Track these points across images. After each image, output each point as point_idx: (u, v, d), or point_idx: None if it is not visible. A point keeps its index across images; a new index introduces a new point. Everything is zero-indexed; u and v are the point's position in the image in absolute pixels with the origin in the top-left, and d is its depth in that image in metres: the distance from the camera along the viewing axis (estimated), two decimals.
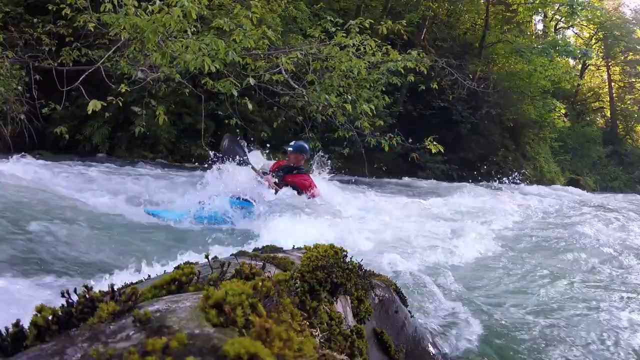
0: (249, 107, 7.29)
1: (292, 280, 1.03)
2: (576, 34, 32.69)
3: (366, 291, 1.44)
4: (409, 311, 1.90)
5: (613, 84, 32.75)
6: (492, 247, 4.74)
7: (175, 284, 0.90)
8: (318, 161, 6.02)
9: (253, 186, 4.73)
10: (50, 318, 0.69)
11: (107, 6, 5.83)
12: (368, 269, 1.61)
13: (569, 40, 27.29)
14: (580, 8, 21.57)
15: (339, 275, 1.16)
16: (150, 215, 4.45)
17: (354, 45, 6.85)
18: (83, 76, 6.52)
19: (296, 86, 7.27)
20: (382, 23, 7.81)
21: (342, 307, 1.25)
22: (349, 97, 7.17)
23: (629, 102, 33.50)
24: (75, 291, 0.75)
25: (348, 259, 1.28)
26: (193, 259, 1.59)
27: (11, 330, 0.71)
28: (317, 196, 4.81)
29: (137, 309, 0.69)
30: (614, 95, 32.54)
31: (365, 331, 1.28)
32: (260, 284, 0.78)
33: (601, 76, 34.55)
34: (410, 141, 7.43)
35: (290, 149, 5.04)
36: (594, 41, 31.02)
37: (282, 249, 1.74)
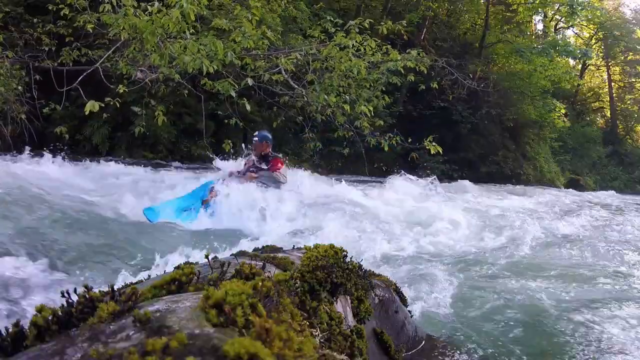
0: (247, 107, 7.30)
1: (292, 280, 1.03)
2: (576, 34, 32.70)
3: (366, 291, 1.44)
4: (409, 311, 1.90)
5: (613, 84, 32.75)
6: (492, 246, 4.74)
7: (175, 284, 0.90)
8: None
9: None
10: (50, 318, 0.69)
11: (107, 6, 5.83)
12: (368, 269, 1.61)
13: (569, 40, 27.28)
14: (580, 8, 21.55)
15: (339, 275, 1.16)
16: (149, 217, 4.47)
17: (353, 45, 6.84)
18: (82, 76, 6.51)
19: (296, 86, 7.27)
20: (382, 23, 7.80)
21: (342, 307, 1.25)
22: (348, 97, 7.16)
23: (629, 102, 33.50)
24: (75, 291, 0.75)
25: (348, 259, 1.28)
26: (193, 259, 1.59)
27: (11, 330, 0.71)
28: (279, 173, 5.53)
29: (137, 309, 0.69)
30: (614, 95, 32.54)
31: (365, 331, 1.28)
32: (260, 284, 0.78)
33: (601, 76, 34.55)
34: (410, 141, 7.42)
35: (255, 139, 5.66)
36: (594, 41, 31.02)
37: (282, 248, 1.74)
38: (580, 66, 31.24)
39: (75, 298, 0.73)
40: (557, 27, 29.28)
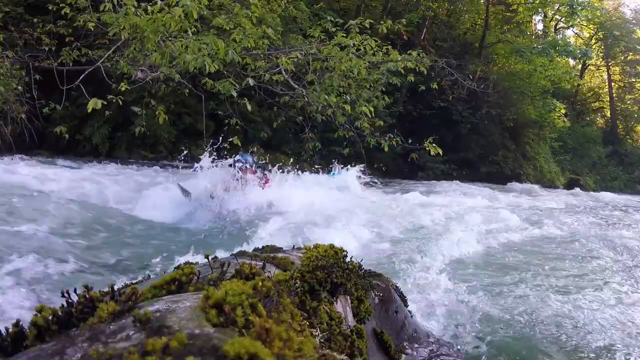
0: (247, 107, 7.28)
1: (292, 280, 1.03)
2: (576, 34, 32.68)
3: (366, 291, 1.44)
4: (409, 311, 1.90)
5: (613, 84, 32.74)
6: (491, 246, 4.74)
7: (175, 284, 0.90)
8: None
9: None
10: (50, 318, 0.69)
11: (107, 6, 5.82)
12: (368, 269, 1.61)
13: (569, 40, 27.28)
14: (580, 8, 21.55)
15: (339, 275, 1.16)
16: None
17: (354, 45, 6.83)
18: (82, 76, 6.51)
19: (296, 86, 7.26)
20: (382, 23, 7.79)
21: (342, 307, 1.25)
22: (348, 97, 7.15)
23: (629, 102, 33.49)
24: (75, 291, 0.75)
25: (348, 259, 1.28)
26: (193, 259, 1.59)
27: (11, 330, 0.71)
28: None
29: (137, 309, 0.69)
30: (614, 95, 32.53)
31: (365, 331, 1.28)
32: (260, 284, 0.78)
33: (601, 76, 34.54)
34: (410, 141, 7.40)
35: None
36: (594, 41, 31.00)
37: (282, 248, 1.74)
38: (580, 66, 31.24)
39: (75, 298, 0.73)
40: (557, 27, 29.27)
